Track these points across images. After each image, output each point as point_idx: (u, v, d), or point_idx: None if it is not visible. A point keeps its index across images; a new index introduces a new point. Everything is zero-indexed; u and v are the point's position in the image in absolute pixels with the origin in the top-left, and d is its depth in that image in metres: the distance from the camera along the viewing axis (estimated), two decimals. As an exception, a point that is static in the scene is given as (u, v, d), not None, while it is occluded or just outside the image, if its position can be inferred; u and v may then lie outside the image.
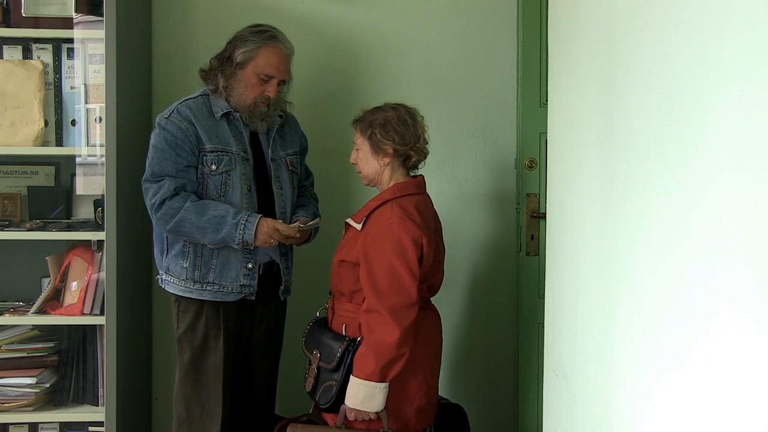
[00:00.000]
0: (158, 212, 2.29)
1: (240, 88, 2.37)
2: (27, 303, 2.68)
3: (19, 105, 2.58)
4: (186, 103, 2.38)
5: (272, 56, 2.37)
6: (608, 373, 1.44)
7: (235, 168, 2.35)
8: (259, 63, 2.36)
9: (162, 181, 2.30)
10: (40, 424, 2.68)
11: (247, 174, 2.38)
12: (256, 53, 2.36)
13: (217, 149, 2.34)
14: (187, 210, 2.27)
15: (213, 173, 2.34)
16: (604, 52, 1.49)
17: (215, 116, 2.38)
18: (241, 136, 2.40)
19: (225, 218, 2.28)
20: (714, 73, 0.99)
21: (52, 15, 2.61)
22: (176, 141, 2.31)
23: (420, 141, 2.30)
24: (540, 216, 2.69)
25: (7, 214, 2.73)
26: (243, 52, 2.35)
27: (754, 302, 0.88)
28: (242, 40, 2.38)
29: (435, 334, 2.36)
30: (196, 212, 2.27)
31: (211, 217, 2.28)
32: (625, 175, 1.35)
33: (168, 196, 2.28)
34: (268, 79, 2.37)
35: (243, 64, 2.36)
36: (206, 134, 2.34)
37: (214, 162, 2.34)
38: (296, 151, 2.56)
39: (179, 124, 2.33)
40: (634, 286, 1.31)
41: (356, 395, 2.12)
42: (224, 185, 2.35)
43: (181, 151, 2.32)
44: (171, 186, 2.29)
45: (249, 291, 2.40)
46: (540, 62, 2.69)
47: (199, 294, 2.37)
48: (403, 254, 2.14)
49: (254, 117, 2.39)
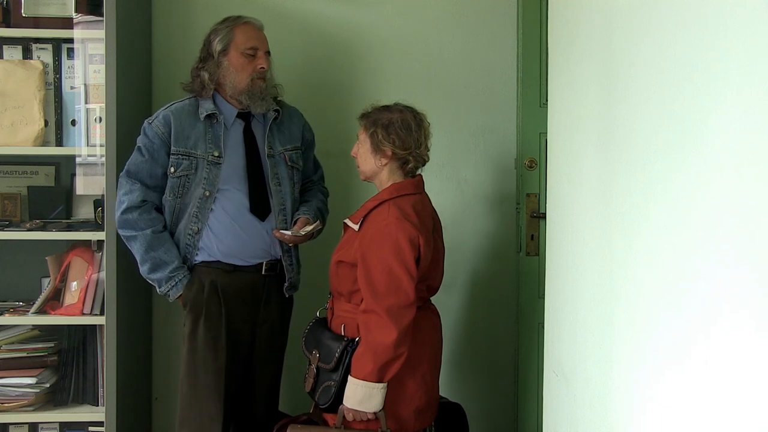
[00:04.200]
0: (122, 215, 2.37)
1: (231, 73, 2.41)
2: (27, 303, 2.68)
3: (19, 105, 2.58)
4: (171, 108, 2.43)
5: (248, 30, 2.44)
6: (608, 373, 1.44)
7: (194, 172, 2.38)
8: (239, 40, 2.41)
9: (134, 185, 2.38)
10: (40, 424, 2.68)
11: (209, 179, 2.39)
12: (232, 34, 2.42)
13: (179, 152, 2.38)
14: (144, 236, 2.37)
15: (171, 176, 2.39)
16: (604, 52, 1.49)
17: (199, 117, 2.41)
18: (218, 139, 2.41)
19: (166, 266, 2.38)
20: (714, 73, 0.99)
21: (52, 15, 2.61)
22: (153, 147, 2.39)
23: (421, 148, 2.29)
24: (540, 216, 2.69)
25: (7, 214, 2.73)
26: (219, 39, 2.42)
27: (754, 302, 0.88)
28: (214, 33, 2.45)
29: (434, 335, 2.35)
30: (148, 245, 2.37)
31: (156, 257, 2.37)
32: (625, 175, 1.35)
33: (134, 205, 2.36)
34: (254, 52, 2.42)
35: (225, 50, 2.41)
36: (176, 137, 2.39)
37: (173, 165, 2.38)
38: (297, 146, 2.55)
39: (157, 129, 2.39)
40: (634, 286, 1.31)
41: (354, 395, 2.12)
42: (182, 188, 2.39)
43: (158, 157, 2.39)
44: (139, 197, 2.38)
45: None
46: (540, 62, 2.69)
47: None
48: (400, 255, 2.14)
49: (255, 96, 2.41)
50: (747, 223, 0.89)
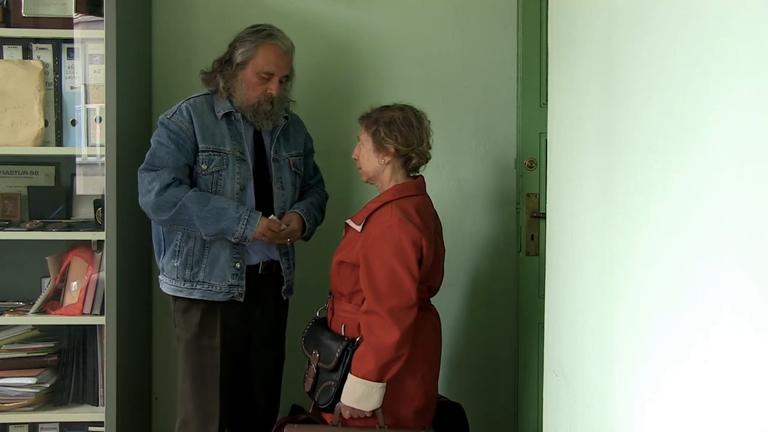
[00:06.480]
0: (159, 197, 2.29)
1: (242, 88, 2.39)
2: (27, 303, 2.68)
3: (19, 105, 2.58)
4: (189, 102, 2.41)
5: (270, 54, 2.39)
6: (608, 373, 1.44)
7: (227, 168, 2.37)
8: (258, 62, 2.38)
9: (160, 171, 2.32)
10: (40, 424, 2.68)
11: (241, 173, 2.39)
12: (255, 52, 2.38)
13: (209, 149, 2.37)
14: (189, 198, 2.30)
15: (204, 173, 2.37)
16: (604, 52, 1.49)
17: (216, 115, 2.40)
18: (240, 136, 2.42)
19: (227, 210, 2.31)
20: (714, 73, 0.99)
21: (52, 15, 2.61)
22: (178, 139, 2.35)
23: (423, 144, 2.30)
24: (540, 216, 2.69)
25: (7, 214, 2.73)
26: (242, 52, 2.38)
27: (754, 302, 0.88)
28: (240, 41, 2.40)
29: (434, 336, 2.36)
30: (198, 201, 2.30)
31: (213, 207, 2.31)
32: (625, 175, 1.35)
33: (167, 184, 2.30)
34: (269, 77, 2.39)
35: (243, 64, 2.38)
36: (202, 134, 2.37)
37: (204, 162, 2.36)
38: (300, 153, 2.57)
39: (180, 124, 2.36)
40: (634, 286, 1.31)
41: (353, 393, 2.13)
42: (215, 184, 2.37)
43: (182, 149, 2.35)
44: (170, 175, 2.31)
45: (238, 292, 2.40)
46: (540, 62, 2.69)
47: (189, 293, 2.39)
48: (403, 256, 2.14)
49: (259, 116, 2.41)
50: (747, 224, 0.89)
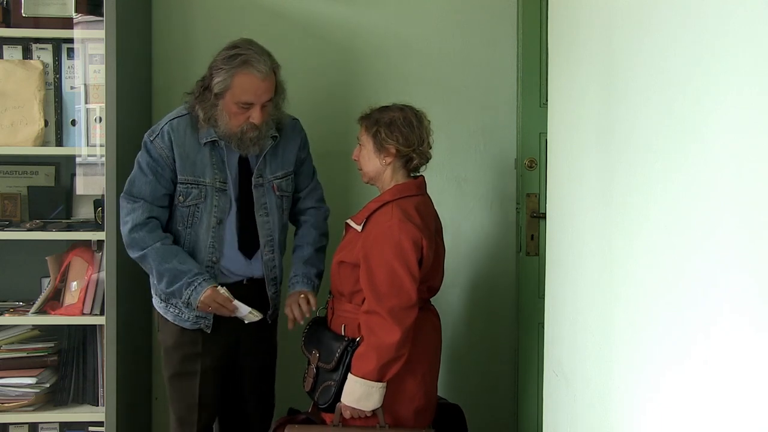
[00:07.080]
0: (129, 236, 2.30)
1: (224, 117, 2.27)
2: (27, 303, 2.68)
3: (19, 105, 2.58)
4: (172, 123, 2.32)
5: (246, 84, 2.24)
6: (608, 373, 1.44)
7: (204, 201, 2.32)
8: (236, 92, 2.24)
9: (137, 204, 2.29)
10: (40, 424, 2.68)
11: (219, 206, 2.33)
12: (231, 82, 2.23)
13: (187, 181, 2.31)
14: (154, 251, 2.28)
15: (181, 204, 2.33)
16: (604, 52, 1.49)
17: (200, 142, 2.32)
18: (223, 164, 2.33)
19: (184, 274, 2.27)
20: (714, 73, 0.99)
21: (52, 15, 2.61)
22: (157, 167, 2.30)
23: (424, 144, 2.30)
24: (540, 216, 2.69)
25: (7, 214, 2.73)
26: (218, 82, 2.24)
27: (754, 302, 0.88)
28: (216, 69, 2.26)
29: (434, 336, 2.35)
30: (161, 257, 2.27)
31: (173, 268, 2.27)
32: (625, 175, 1.35)
33: (139, 223, 2.28)
34: (248, 106, 2.26)
35: (221, 94, 2.26)
36: (182, 163, 2.30)
37: (182, 194, 2.32)
38: (288, 172, 2.45)
39: (161, 151, 2.30)
40: (634, 286, 1.31)
41: (353, 393, 2.13)
42: (191, 217, 2.33)
43: (161, 178, 2.30)
44: (144, 214, 2.29)
45: (205, 324, 2.36)
46: (540, 62, 2.69)
47: (164, 312, 2.40)
48: (403, 256, 2.14)
49: (244, 143, 2.30)
50: (747, 224, 0.89)
